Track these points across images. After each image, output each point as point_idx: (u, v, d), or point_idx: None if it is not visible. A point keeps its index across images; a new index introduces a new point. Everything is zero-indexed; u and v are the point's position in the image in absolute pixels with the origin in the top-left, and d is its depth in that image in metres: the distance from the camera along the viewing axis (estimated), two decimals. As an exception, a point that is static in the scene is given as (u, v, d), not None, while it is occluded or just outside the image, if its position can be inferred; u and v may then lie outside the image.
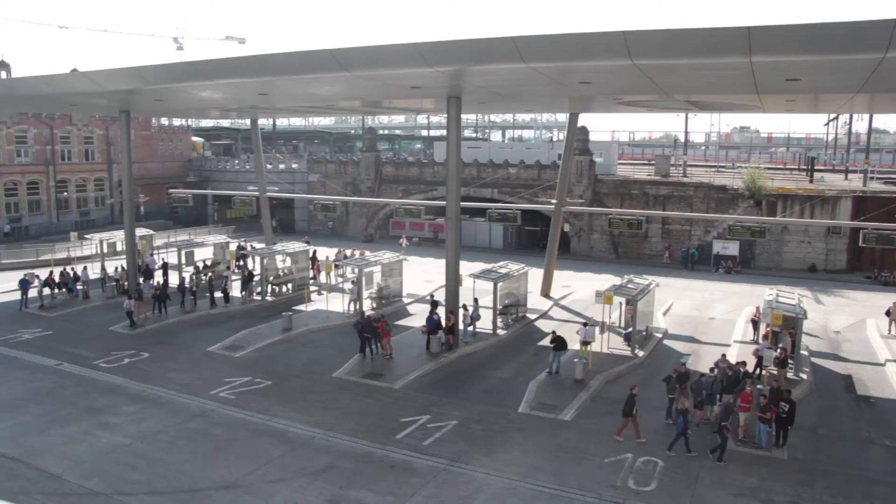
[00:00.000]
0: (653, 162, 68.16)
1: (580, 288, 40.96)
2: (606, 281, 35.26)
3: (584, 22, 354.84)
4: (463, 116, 30.83)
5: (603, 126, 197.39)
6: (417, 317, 33.70)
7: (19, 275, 38.14)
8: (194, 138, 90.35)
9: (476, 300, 31.27)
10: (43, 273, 39.00)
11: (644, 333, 29.71)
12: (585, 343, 26.41)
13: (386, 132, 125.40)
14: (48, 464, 18.08)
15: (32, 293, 36.44)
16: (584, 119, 53.00)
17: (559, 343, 25.45)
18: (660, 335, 31.23)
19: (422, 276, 42.96)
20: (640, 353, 27.96)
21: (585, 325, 27.07)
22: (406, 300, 37.63)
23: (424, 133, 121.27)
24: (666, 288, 36.43)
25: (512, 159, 60.93)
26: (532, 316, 34.68)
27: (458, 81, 24.84)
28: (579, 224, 56.98)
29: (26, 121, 64.34)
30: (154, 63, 28.66)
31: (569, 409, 22.18)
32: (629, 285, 29.76)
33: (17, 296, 36.44)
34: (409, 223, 61.52)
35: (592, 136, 60.37)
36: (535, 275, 37.46)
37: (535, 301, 37.03)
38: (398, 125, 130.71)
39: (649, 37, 17.86)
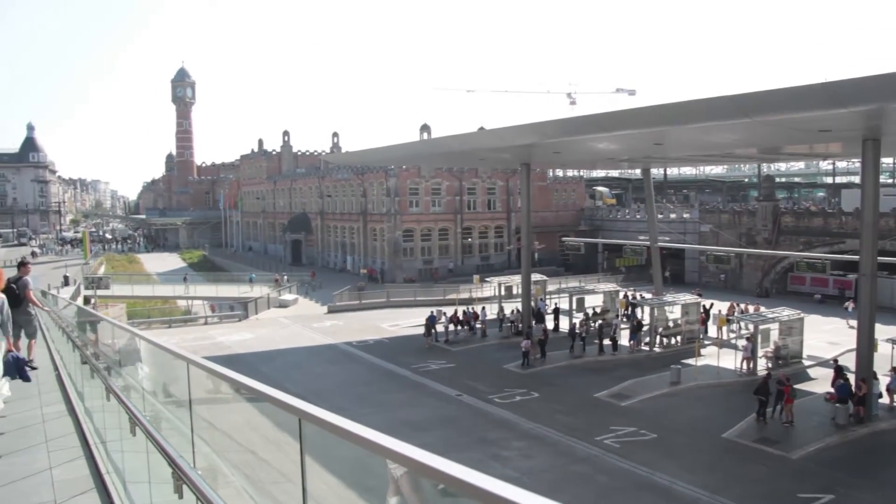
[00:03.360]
0: None
1: None
2: None
3: None
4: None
5: None
6: (819, 382, 30.54)
7: (428, 311, 42.70)
8: (599, 188, 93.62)
9: (894, 369, 27.41)
10: (448, 310, 43.20)
11: None
12: None
13: (783, 180, 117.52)
14: (448, 487, 19.65)
15: (439, 328, 40.62)
16: None
17: None
18: None
19: (825, 336, 39.03)
20: None
21: None
22: (806, 362, 34.37)
23: (828, 180, 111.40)
24: None
25: (940, 208, 53.01)
26: (968, 393, 29.34)
27: (878, 122, 22.34)
28: None
29: (440, 174, 72.35)
30: (553, 118, 30.25)
31: None
32: None
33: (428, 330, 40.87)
34: (810, 278, 56.55)
35: None
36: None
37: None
38: (797, 172, 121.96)
39: None
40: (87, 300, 48.63)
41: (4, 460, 6.76)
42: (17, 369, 9.09)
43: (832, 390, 26.07)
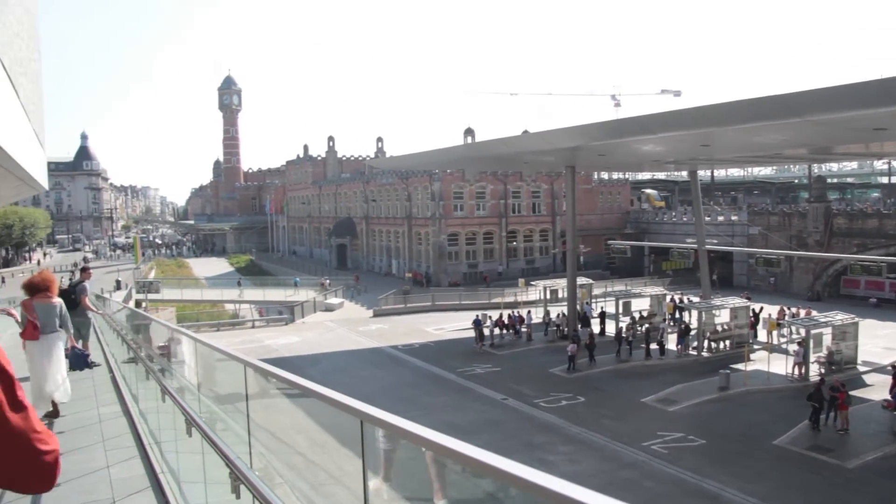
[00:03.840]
0: None
1: None
2: None
3: None
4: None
5: None
6: (875, 388, 29.72)
7: (474, 315, 42.65)
8: (648, 190, 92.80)
9: (954, 375, 26.58)
10: (493, 314, 43.13)
11: None
12: None
13: (835, 180, 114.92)
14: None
15: (484, 332, 40.55)
16: None
17: None
18: None
19: (881, 341, 38.03)
20: None
21: None
22: (861, 368, 33.50)
23: (883, 180, 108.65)
24: None
25: None
26: None
27: (939, 119, 21.70)
28: None
29: (485, 178, 72.35)
30: (599, 121, 30.06)
31: None
32: None
33: (472, 333, 40.75)
34: (864, 281, 55.22)
35: None
36: None
37: None
38: (849, 172, 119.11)
39: None
40: (138, 304, 49.63)
41: (63, 458, 6.89)
42: (84, 362, 10.32)
43: (890, 397, 25.39)
